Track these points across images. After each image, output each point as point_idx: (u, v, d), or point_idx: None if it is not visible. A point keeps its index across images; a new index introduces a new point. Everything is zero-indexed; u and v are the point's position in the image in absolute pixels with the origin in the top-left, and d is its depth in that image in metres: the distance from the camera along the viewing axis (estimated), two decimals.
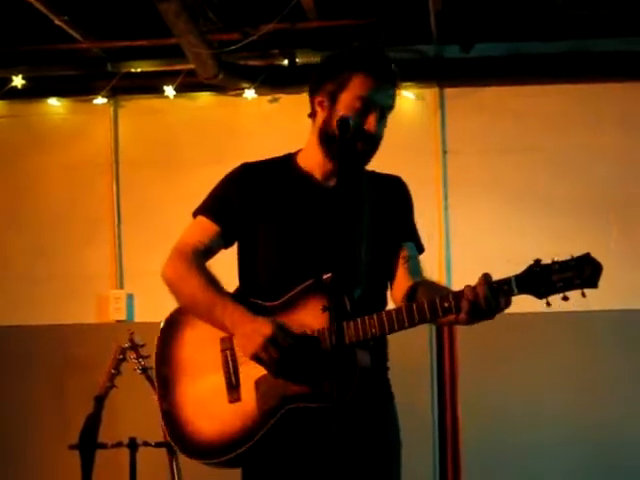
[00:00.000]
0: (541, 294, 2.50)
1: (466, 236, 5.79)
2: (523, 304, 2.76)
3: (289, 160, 3.01)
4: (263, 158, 3.08)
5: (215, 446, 2.80)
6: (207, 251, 2.96)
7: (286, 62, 5.84)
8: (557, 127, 5.88)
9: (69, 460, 4.58)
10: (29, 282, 6.10)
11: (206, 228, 2.97)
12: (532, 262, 2.52)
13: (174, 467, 4.54)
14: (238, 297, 2.84)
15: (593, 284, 2.46)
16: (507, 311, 2.62)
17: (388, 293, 2.99)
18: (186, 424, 2.87)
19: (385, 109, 2.84)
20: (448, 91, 5.95)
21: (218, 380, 2.82)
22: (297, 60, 5.85)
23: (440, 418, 5.49)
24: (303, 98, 6.14)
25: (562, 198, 5.81)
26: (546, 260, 2.52)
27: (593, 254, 2.49)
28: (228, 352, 2.81)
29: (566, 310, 2.59)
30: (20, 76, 5.90)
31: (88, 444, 4.47)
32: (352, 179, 2.87)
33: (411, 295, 2.83)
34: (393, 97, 2.86)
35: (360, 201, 2.88)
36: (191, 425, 2.86)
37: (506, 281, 2.53)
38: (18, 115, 6.25)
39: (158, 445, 4.50)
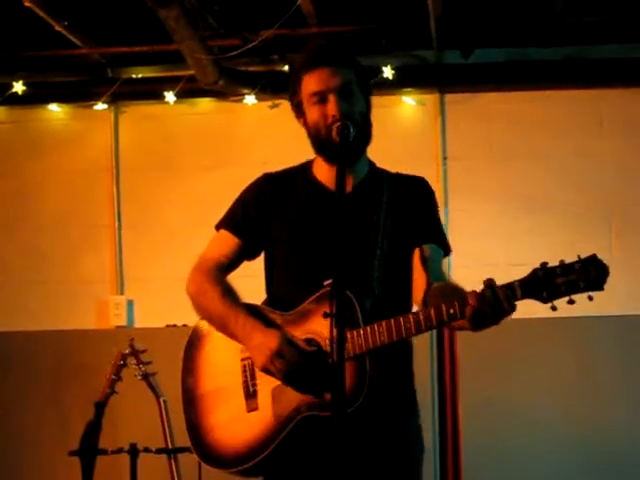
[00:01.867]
0: (545, 299, 2.45)
1: (467, 242, 5.78)
2: (523, 309, 2.75)
3: (305, 168, 3.00)
4: (279, 165, 3.07)
5: (234, 455, 2.83)
6: (230, 264, 2.97)
7: (286, 68, 5.84)
8: (557, 133, 5.89)
9: (69, 466, 4.57)
10: (29, 287, 6.10)
11: (227, 241, 2.98)
12: (538, 265, 2.47)
13: (175, 473, 4.54)
14: (253, 308, 2.86)
15: (599, 287, 2.40)
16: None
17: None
18: (207, 433, 2.90)
19: (343, 88, 2.80)
20: (448, 97, 5.96)
21: (237, 390, 2.85)
22: None
23: (441, 422, 5.48)
24: None
25: (562, 203, 5.81)
26: (554, 263, 2.46)
27: (579, 254, 2.44)
28: (247, 362, 2.84)
29: (566, 316, 2.58)
30: (21, 82, 5.91)
31: (88, 450, 4.47)
32: (368, 182, 2.89)
33: (428, 299, 2.79)
34: (345, 74, 2.82)
35: (376, 205, 2.87)
36: (212, 434, 2.89)
37: (510, 286, 2.49)
38: (18, 121, 6.25)
39: (159, 451, 4.50)
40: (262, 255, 3.03)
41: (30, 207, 6.19)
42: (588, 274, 2.40)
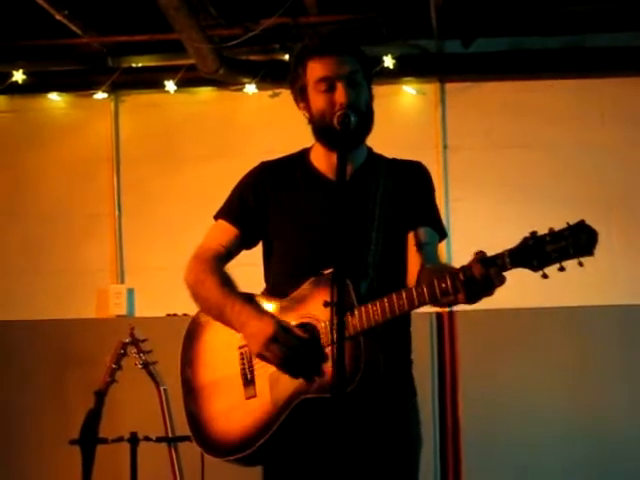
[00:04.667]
0: (535, 267, 2.46)
1: (467, 231, 5.78)
2: (525, 299, 2.76)
3: (302, 156, 3.01)
4: (280, 155, 3.07)
5: (234, 443, 2.84)
6: (227, 254, 2.99)
7: (287, 57, 5.84)
8: (558, 122, 5.88)
9: (70, 455, 4.58)
10: (29, 277, 6.10)
11: (225, 231, 2.99)
12: (527, 234, 2.49)
13: (175, 462, 4.54)
14: (249, 296, 2.87)
15: (589, 251, 2.42)
16: (509, 306, 2.62)
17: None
18: (207, 423, 2.92)
19: (350, 75, 2.82)
20: (449, 86, 5.95)
21: (235, 378, 2.87)
22: None
23: (440, 412, 5.48)
24: None
25: (562, 193, 5.81)
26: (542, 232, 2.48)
27: (567, 221, 2.46)
28: (244, 349, 2.85)
29: (567, 305, 2.58)
30: (21, 71, 5.91)
31: (89, 439, 4.47)
32: (365, 169, 2.90)
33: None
34: (352, 62, 2.84)
35: (374, 191, 2.88)
36: (211, 424, 2.91)
37: (499, 256, 2.50)
38: (18, 110, 6.25)
39: (159, 440, 4.50)
40: (260, 244, 3.04)
41: (30, 196, 6.19)
42: (578, 240, 2.42)
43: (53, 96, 6.17)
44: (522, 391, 5.50)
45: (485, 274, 2.48)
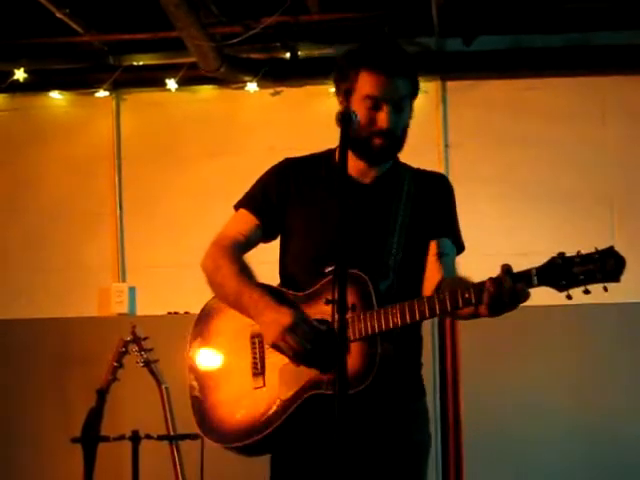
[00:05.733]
0: (562, 286, 2.47)
1: (468, 229, 5.75)
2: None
3: (328, 156, 3.01)
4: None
5: (236, 431, 2.85)
6: (247, 243, 2.99)
7: (288, 55, 5.84)
8: (559, 120, 5.88)
9: (71, 453, 4.58)
10: (31, 275, 6.11)
11: (246, 221, 2.99)
12: (555, 254, 2.49)
13: (176, 460, 4.55)
14: (267, 286, 2.88)
15: (616, 278, 2.43)
16: None
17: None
18: (212, 409, 2.92)
19: (398, 101, 2.83)
20: (450, 84, 5.95)
21: (245, 367, 2.87)
22: (299, 53, 5.85)
23: (442, 412, 5.48)
24: (305, 91, 6.15)
25: (564, 191, 5.81)
26: (570, 253, 2.48)
27: (596, 246, 2.47)
28: (257, 339, 2.86)
29: (568, 304, 2.57)
30: (22, 69, 5.91)
31: (90, 437, 4.48)
32: (388, 173, 2.92)
33: (439, 290, 2.82)
34: (405, 86, 2.84)
35: (397, 196, 2.89)
36: (216, 410, 2.91)
37: (526, 273, 2.51)
38: (20, 108, 6.25)
39: (160, 438, 4.50)
40: (276, 240, 3.05)
41: (32, 194, 6.19)
42: (605, 265, 2.43)
43: (54, 94, 6.17)
44: (524, 389, 5.50)
45: (513, 289, 2.49)
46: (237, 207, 3.03)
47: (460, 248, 3.03)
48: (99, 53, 5.99)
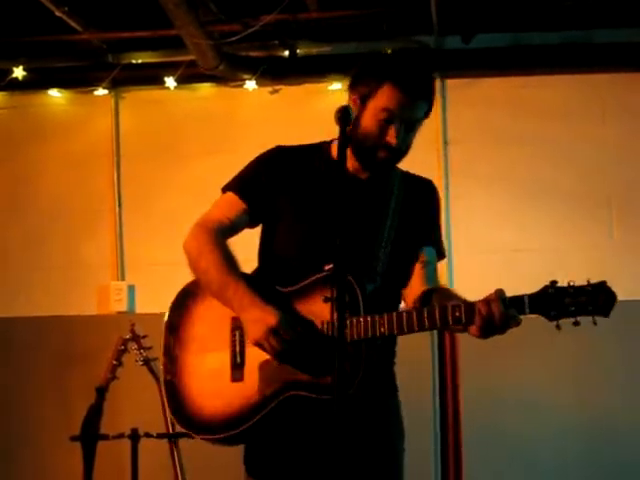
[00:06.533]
0: (552, 317, 2.52)
1: (467, 226, 5.78)
2: None
3: (322, 148, 3.00)
4: (297, 143, 3.07)
5: (212, 423, 2.83)
6: (232, 227, 2.97)
7: (287, 53, 5.83)
8: (558, 118, 5.88)
9: (71, 451, 4.59)
10: (29, 273, 6.10)
11: (233, 204, 2.97)
12: (548, 283, 2.50)
13: (176, 458, 4.55)
14: (253, 280, 2.85)
15: (605, 313, 2.50)
16: None
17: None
18: (187, 397, 2.90)
19: (412, 122, 2.84)
20: (449, 82, 5.94)
21: (224, 358, 2.84)
22: (298, 51, 5.84)
23: (441, 411, 5.49)
24: (304, 89, 6.15)
25: (564, 189, 5.80)
26: (562, 283, 2.51)
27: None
28: (237, 332, 2.83)
29: None
30: (21, 67, 5.90)
31: (90, 435, 4.49)
32: (380, 177, 2.91)
33: (424, 300, 2.84)
34: (422, 110, 2.85)
35: (389, 197, 2.90)
36: (192, 399, 2.89)
37: (519, 299, 2.53)
38: (19, 106, 6.25)
39: (160, 436, 4.51)
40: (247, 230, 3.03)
41: (30, 192, 6.19)
42: (597, 299, 2.48)
43: (53, 92, 6.16)
44: (523, 388, 5.51)
45: (505, 314, 2.50)
46: (225, 190, 3.01)
47: (442, 256, 3.04)
48: (98, 51, 5.98)
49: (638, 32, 5.69)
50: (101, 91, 6.04)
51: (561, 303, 2.49)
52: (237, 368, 2.82)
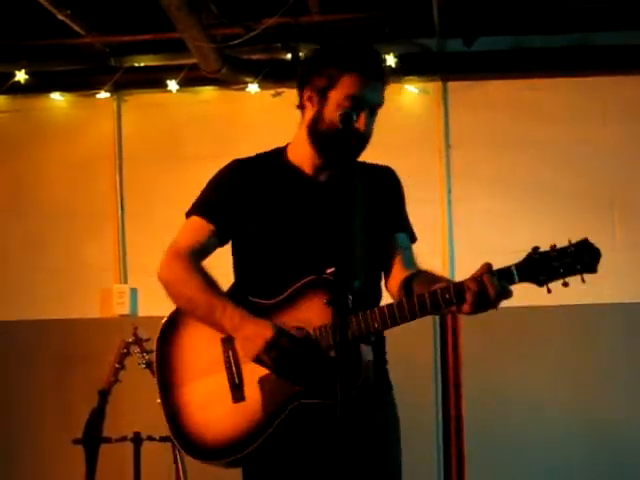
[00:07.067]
0: (541, 281, 2.51)
1: (469, 229, 5.79)
2: (526, 297, 2.76)
3: (279, 154, 3.00)
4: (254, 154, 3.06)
5: (221, 447, 2.81)
6: (203, 251, 2.95)
7: (289, 56, 5.83)
8: (560, 120, 5.88)
9: (73, 454, 4.59)
10: (32, 276, 6.11)
11: (200, 228, 2.96)
12: (530, 250, 2.53)
13: (178, 461, 4.55)
14: (236, 297, 2.83)
15: (592, 269, 2.48)
16: (511, 304, 2.62)
17: (383, 284, 3.00)
18: (191, 426, 2.88)
19: (375, 106, 2.84)
20: (451, 85, 5.95)
21: (221, 380, 2.82)
22: (300, 54, 5.84)
23: (444, 411, 5.49)
24: None
25: (566, 191, 5.81)
26: (544, 248, 2.53)
27: (569, 238, 2.50)
28: (230, 352, 2.81)
29: (570, 303, 2.59)
30: (23, 71, 5.90)
31: (92, 438, 4.49)
32: (344, 172, 2.86)
33: (407, 286, 2.83)
34: (382, 93, 2.86)
35: (353, 194, 2.86)
36: (196, 427, 2.87)
37: (507, 270, 2.54)
38: (21, 110, 6.25)
39: (162, 439, 4.50)
40: (226, 245, 3.02)
41: (33, 196, 6.19)
42: (582, 257, 2.48)
43: (55, 96, 6.17)
44: (525, 389, 5.51)
45: (496, 286, 2.51)
46: (189, 214, 3.00)
47: (413, 239, 3.03)
48: (100, 54, 5.99)
49: (638, 35, 5.70)
50: (103, 94, 6.05)
51: (548, 266, 2.50)
52: (237, 388, 2.80)
